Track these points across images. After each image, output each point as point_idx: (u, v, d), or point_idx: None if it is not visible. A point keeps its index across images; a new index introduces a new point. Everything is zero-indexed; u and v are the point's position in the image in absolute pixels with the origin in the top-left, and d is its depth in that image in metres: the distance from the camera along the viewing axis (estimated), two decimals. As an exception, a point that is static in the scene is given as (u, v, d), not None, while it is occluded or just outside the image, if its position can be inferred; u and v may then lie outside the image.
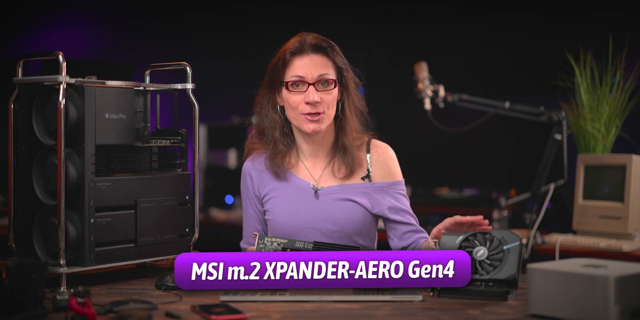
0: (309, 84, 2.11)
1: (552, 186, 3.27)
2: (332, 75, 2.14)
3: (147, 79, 2.21)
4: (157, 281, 1.89)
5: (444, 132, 3.70)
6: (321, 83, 2.12)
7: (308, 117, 2.12)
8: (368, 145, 2.25)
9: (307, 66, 2.11)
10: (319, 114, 2.12)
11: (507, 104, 3.46)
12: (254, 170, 2.24)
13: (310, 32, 2.18)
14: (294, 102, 2.12)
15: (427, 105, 3.54)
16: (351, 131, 2.20)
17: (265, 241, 1.87)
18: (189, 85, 2.13)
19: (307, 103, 2.11)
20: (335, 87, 2.14)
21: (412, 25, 5.33)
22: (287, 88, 2.13)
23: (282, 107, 2.18)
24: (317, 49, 2.13)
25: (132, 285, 1.94)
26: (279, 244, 1.86)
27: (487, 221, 1.96)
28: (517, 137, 4.37)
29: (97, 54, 5.54)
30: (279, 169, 2.20)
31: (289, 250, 1.85)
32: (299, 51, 2.13)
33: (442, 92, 3.53)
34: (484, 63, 4.97)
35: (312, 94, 2.10)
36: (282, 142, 2.20)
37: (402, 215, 2.19)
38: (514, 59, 4.81)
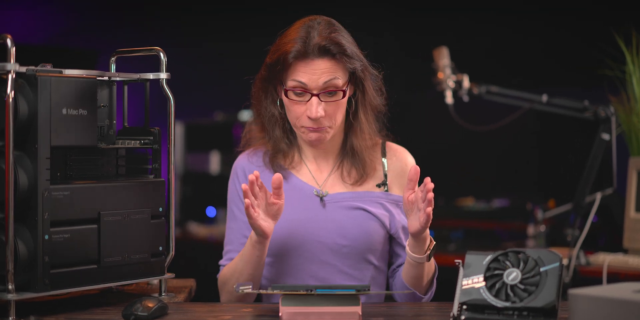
0: (312, 95, 2.09)
1: (598, 196, 3.26)
2: (341, 78, 2.10)
3: (113, 67, 2.21)
4: (125, 310, 1.89)
5: (468, 131, 3.70)
6: (327, 93, 2.09)
7: (310, 128, 2.12)
8: (383, 148, 2.25)
9: (310, 72, 2.08)
10: (322, 127, 2.12)
11: (544, 98, 3.46)
12: (250, 165, 2.24)
13: (316, 15, 2.14)
14: (294, 112, 2.12)
15: (449, 98, 3.54)
16: (362, 132, 2.20)
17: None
18: (163, 75, 2.12)
19: (309, 117, 2.10)
20: (344, 96, 2.11)
21: (429, 6, 5.34)
22: (286, 95, 2.12)
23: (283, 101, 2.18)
24: (324, 52, 2.08)
25: (94, 314, 1.93)
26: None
27: (429, 184, 1.93)
28: (555, 138, 4.37)
29: (54, 37, 5.54)
30: (280, 169, 2.21)
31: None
32: (302, 56, 2.08)
33: (466, 83, 3.53)
34: (516, 49, 4.97)
35: (315, 108, 2.08)
36: (283, 141, 2.21)
37: None
38: (552, 45, 4.81)
